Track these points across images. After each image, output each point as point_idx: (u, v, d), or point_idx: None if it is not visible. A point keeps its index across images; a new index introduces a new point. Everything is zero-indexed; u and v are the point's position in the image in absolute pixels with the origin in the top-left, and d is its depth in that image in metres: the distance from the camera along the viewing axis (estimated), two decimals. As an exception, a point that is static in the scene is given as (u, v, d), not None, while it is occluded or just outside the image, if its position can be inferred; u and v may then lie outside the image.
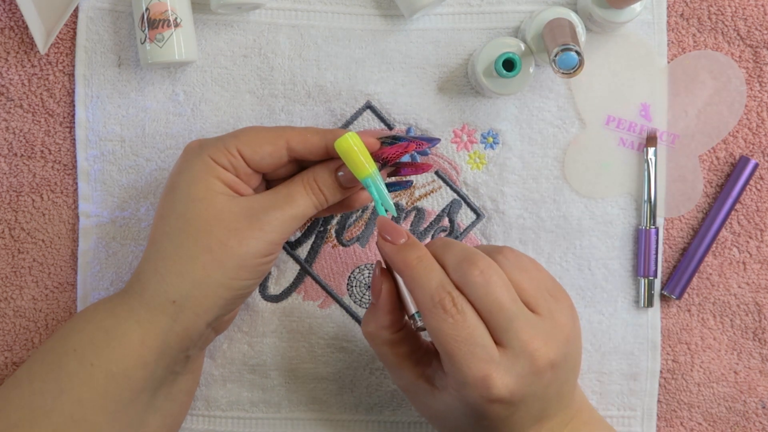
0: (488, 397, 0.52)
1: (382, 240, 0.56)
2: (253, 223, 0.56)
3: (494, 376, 0.51)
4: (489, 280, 0.52)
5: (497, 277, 0.53)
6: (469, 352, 0.51)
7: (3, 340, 0.67)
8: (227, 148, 0.57)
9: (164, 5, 0.63)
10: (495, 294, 0.52)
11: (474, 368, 0.51)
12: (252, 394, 0.68)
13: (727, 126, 0.68)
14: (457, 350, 0.51)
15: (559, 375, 0.54)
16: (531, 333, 0.52)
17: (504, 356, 0.52)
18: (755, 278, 0.68)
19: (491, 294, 0.52)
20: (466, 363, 0.51)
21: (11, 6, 0.66)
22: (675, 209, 0.68)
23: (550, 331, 0.53)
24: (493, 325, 0.52)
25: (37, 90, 0.67)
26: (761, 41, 0.68)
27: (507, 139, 0.67)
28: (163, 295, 0.56)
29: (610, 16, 0.64)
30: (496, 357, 0.52)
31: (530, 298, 0.54)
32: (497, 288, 0.52)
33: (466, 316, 0.52)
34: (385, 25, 0.67)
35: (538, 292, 0.55)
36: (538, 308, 0.54)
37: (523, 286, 0.54)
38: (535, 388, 0.53)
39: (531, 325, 0.53)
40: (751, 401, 0.68)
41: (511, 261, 0.55)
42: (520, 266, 0.55)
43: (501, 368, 0.52)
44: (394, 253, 0.55)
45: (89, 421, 0.55)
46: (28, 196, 0.67)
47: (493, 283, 0.52)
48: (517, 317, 0.52)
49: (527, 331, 0.52)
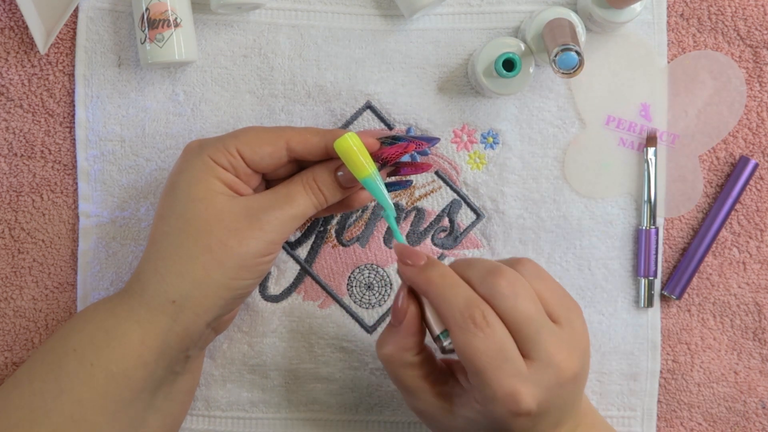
0: (516, 411, 0.51)
1: (402, 265, 0.55)
2: (253, 222, 0.56)
3: (523, 391, 0.51)
4: (517, 291, 0.52)
5: (524, 289, 0.53)
6: (499, 367, 0.51)
7: (3, 340, 0.67)
8: (227, 148, 0.57)
9: (164, 5, 0.63)
10: (523, 305, 0.52)
11: (504, 384, 0.51)
12: (252, 394, 0.68)
13: (727, 126, 0.68)
14: (487, 365, 0.51)
15: (578, 385, 0.54)
16: (556, 344, 0.52)
17: (531, 369, 0.52)
18: (755, 278, 0.68)
19: (519, 305, 0.52)
20: (495, 378, 0.51)
21: (11, 6, 0.66)
22: (675, 209, 0.68)
23: (572, 341, 0.54)
24: (521, 337, 0.52)
25: (37, 90, 0.67)
26: (761, 41, 0.68)
27: (507, 139, 0.67)
28: (163, 295, 0.56)
29: (610, 16, 0.64)
30: (524, 371, 0.52)
31: (551, 308, 0.54)
32: (525, 299, 0.52)
33: (496, 329, 0.52)
34: (385, 25, 0.67)
35: (558, 301, 0.55)
36: (559, 318, 0.54)
37: (545, 296, 0.54)
38: (559, 399, 0.53)
39: (555, 336, 0.53)
40: (751, 401, 0.68)
41: (532, 272, 0.55)
42: (540, 276, 0.55)
43: (529, 382, 0.52)
44: (416, 274, 0.54)
45: (89, 421, 0.55)
46: (28, 196, 0.67)
47: (521, 294, 0.52)
48: (543, 328, 0.52)
49: (553, 343, 0.52)
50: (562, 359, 0.52)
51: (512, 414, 0.52)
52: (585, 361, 0.55)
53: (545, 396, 0.52)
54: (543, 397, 0.52)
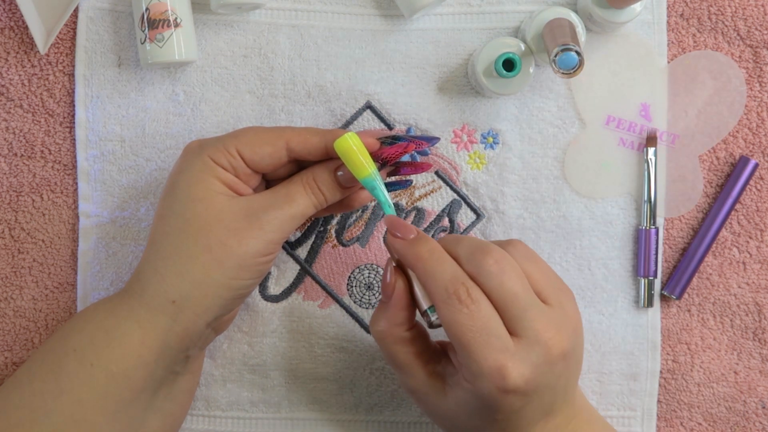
0: (504, 387, 0.51)
1: (392, 237, 0.56)
2: (253, 222, 0.56)
3: (509, 365, 0.51)
4: (503, 269, 0.53)
5: (511, 267, 0.53)
6: (485, 343, 0.51)
7: (3, 340, 0.67)
8: (227, 148, 0.57)
9: (164, 5, 0.63)
10: (509, 283, 0.53)
11: (489, 358, 0.51)
12: (252, 394, 0.68)
13: (727, 126, 0.68)
14: (472, 341, 0.51)
15: (569, 366, 0.54)
16: (544, 322, 0.53)
17: (518, 346, 0.52)
18: (755, 278, 0.68)
19: (505, 283, 0.52)
20: (481, 353, 0.51)
21: (11, 6, 0.66)
22: (675, 209, 0.68)
23: (562, 320, 0.54)
24: (508, 315, 0.52)
25: (37, 90, 0.67)
26: (761, 41, 0.68)
27: (507, 139, 0.67)
28: (163, 295, 0.56)
29: (610, 16, 0.64)
30: (511, 347, 0.52)
31: (541, 289, 0.54)
32: (511, 277, 0.53)
33: (481, 305, 0.52)
34: (385, 25, 0.67)
35: (548, 282, 0.55)
36: (549, 299, 0.54)
37: (535, 277, 0.54)
38: (548, 378, 0.53)
39: (544, 315, 0.53)
40: (751, 401, 0.68)
41: (522, 252, 0.55)
42: (531, 258, 0.55)
43: (516, 358, 0.52)
44: (405, 247, 0.55)
45: (89, 422, 0.55)
46: (28, 196, 0.67)
47: (507, 272, 0.53)
48: (531, 307, 0.53)
49: (541, 321, 0.53)
50: (550, 337, 0.52)
51: (500, 390, 0.52)
52: (576, 342, 0.55)
53: (533, 373, 0.52)
54: (531, 374, 0.52)
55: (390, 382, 0.68)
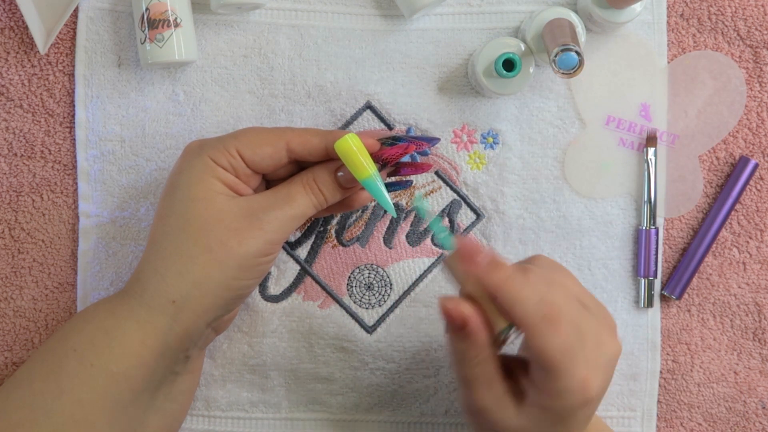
0: (587, 398, 0.52)
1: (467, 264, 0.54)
2: (253, 222, 0.56)
3: (592, 376, 0.52)
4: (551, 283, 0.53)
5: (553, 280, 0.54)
6: (573, 359, 0.52)
7: (3, 340, 0.67)
8: (227, 148, 0.57)
9: (164, 5, 0.63)
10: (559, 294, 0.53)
11: (577, 374, 0.52)
12: (252, 394, 0.68)
13: (727, 126, 0.68)
14: (565, 360, 0.51)
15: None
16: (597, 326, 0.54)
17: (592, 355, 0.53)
18: (755, 278, 0.68)
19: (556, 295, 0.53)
20: (571, 370, 0.52)
21: (11, 6, 0.66)
22: (675, 209, 0.68)
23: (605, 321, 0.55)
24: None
25: (37, 90, 0.67)
26: (761, 41, 0.68)
27: (507, 139, 0.67)
28: (163, 295, 0.56)
29: (610, 16, 0.64)
30: (591, 358, 0.53)
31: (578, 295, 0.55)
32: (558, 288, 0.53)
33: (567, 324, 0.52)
34: (385, 25, 0.67)
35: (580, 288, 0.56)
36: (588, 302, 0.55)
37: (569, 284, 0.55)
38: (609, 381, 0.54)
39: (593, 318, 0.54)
40: (751, 401, 0.68)
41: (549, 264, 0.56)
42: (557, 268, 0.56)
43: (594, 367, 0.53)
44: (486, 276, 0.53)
45: (89, 422, 0.55)
46: (28, 196, 0.67)
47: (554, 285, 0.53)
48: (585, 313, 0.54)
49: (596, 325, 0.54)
50: (605, 340, 0.54)
51: (582, 402, 0.52)
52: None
53: (603, 377, 0.53)
54: (602, 378, 0.53)
55: (390, 382, 0.68)
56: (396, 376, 0.67)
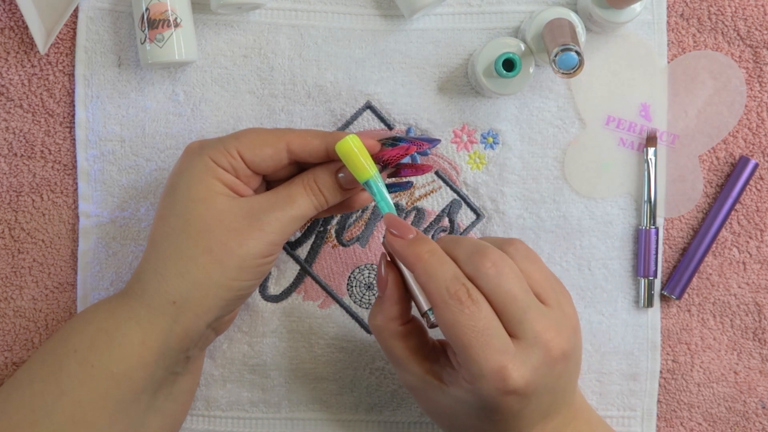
0: (504, 389, 0.51)
1: (390, 235, 0.56)
2: (253, 223, 0.56)
3: (510, 367, 0.51)
4: (501, 271, 0.53)
5: (509, 269, 0.53)
6: (485, 344, 0.51)
7: (3, 340, 0.67)
8: (227, 149, 0.57)
9: (164, 5, 0.63)
10: (508, 285, 0.52)
11: (490, 360, 0.51)
12: (252, 394, 0.68)
13: (727, 126, 0.68)
14: (473, 342, 0.51)
15: (568, 367, 0.54)
16: (544, 323, 0.53)
17: (518, 347, 0.52)
18: (755, 278, 0.68)
19: (504, 285, 0.52)
20: (482, 355, 0.51)
21: (11, 6, 0.66)
22: (675, 209, 0.68)
23: (561, 321, 0.54)
24: (507, 317, 0.52)
25: (37, 90, 0.67)
26: (761, 41, 0.68)
27: (507, 139, 0.67)
28: (163, 296, 0.56)
29: (610, 16, 0.64)
30: (511, 348, 0.52)
31: (540, 289, 0.54)
32: (510, 279, 0.53)
33: (482, 306, 0.52)
34: (385, 25, 0.67)
35: (547, 283, 0.55)
36: (548, 299, 0.54)
37: (534, 277, 0.54)
38: (548, 380, 0.53)
39: (544, 316, 0.53)
40: (751, 401, 0.68)
41: (521, 252, 0.55)
42: (530, 258, 0.55)
43: (516, 359, 0.51)
44: (404, 247, 0.55)
45: (90, 422, 0.55)
46: (28, 196, 0.67)
47: (506, 274, 0.53)
48: (530, 308, 0.53)
49: (541, 322, 0.52)
50: (550, 338, 0.52)
51: (500, 391, 0.51)
52: (575, 343, 0.55)
53: (533, 375, 0.52)
54: (531, 376, 0.52)
55: (390, 382, 0.68)
56: (396, 376, 0.67)
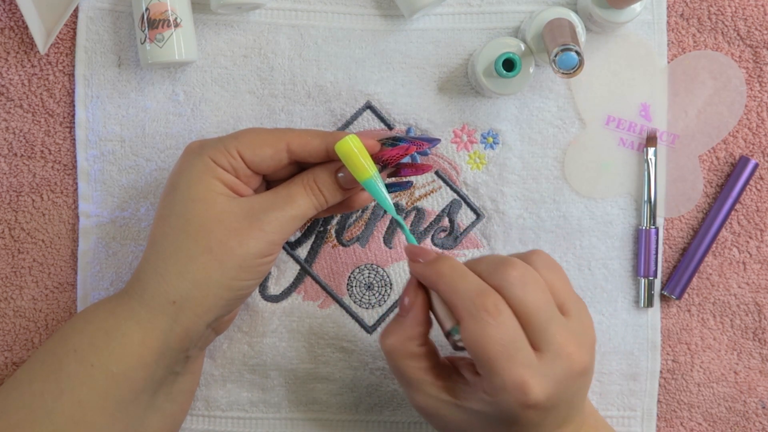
0: (525, 402, 0.51)
1: (413, 263, 0.55)
2: (253, 223, 0.56)
3: (532, 382, 0.51)
4: (526, 281, 0.52)
5: (534, 279, 0.52)
6: (510, 357, 0.51)
7: (3, 340, 0.67)
8: (227, 149, 0.57)
9: (164, 5, 0.63)
10: (532, 295, 0.52)
11: (513, 373, 0.51)
12: (252, 394, 0.68)
13: (727, 126, 0.68)
14: (498, 354, 0.51)
15: (586, 380, 0.54)
16: (566, 336, 0.52)
17: (541, 361, 0.51)
18: (755, 278, 0.68)
19: (529, 295, 0.52)
20: (506, 367, 0.51)
21: (11, 6, 0.66)
22: (675, 209, 0.68)
23: (581, 333, 0.54)
24: (530, 328, 0.52)
25: (37, 90, 0.67)
26: (761, 41, 0.68)
27: (507, 139, 0.67)
28: (163, 296, 0.56)
29: (610, 16, 0.64)
30: (534, 362, 0.51)
31: (563, 300, 0.54)
32: (535, 290, 0.52)
33: (507, 318, 0.51)
34: (385, 25, 0.67)
35: (568, 292, 0.55)
36: (569, 310, 0.54)
37: (556, 287, 0.54)
38: (568, 394, 0.53)
39: (566, 328, 0.52)
40: (751, 401, 0.68)
41: (545, 262, 0.55)
42: (552, 268, 0.55)
43: (539, 373, 0.51)
44: (425, 267, 0.54)
45: (89, 422, 0.55)
46: (28, 196, 0.67)
47: (531, 284, 0.52)
48: (553, 320, 0.52)
49: (563, 335, 0.52)
50: (572, 351, 0.52)
51: (521, 405, 0.51)
52: (593, 356, 0.55)
53: (555, 389, 0.51)
54: (552, 389, 0.51)
55: (390, 382, 0.68)
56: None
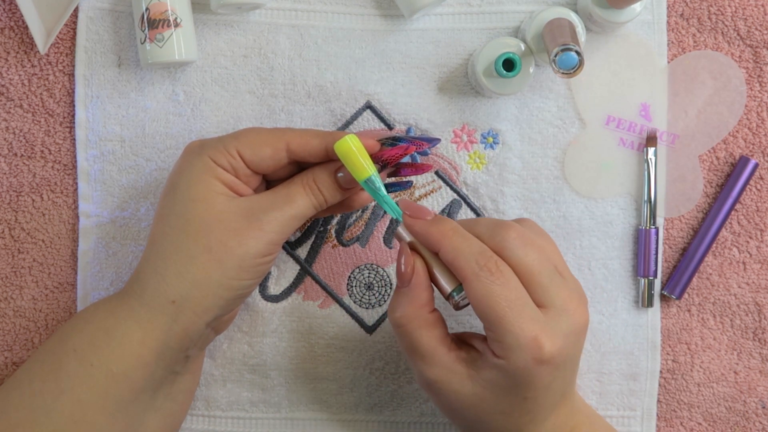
0: (540, 357, 0.52)
1: (410, 219, 0.56)
2: (253, 223, 0.56)
3: (543, 336, 0.52)
4: (525, 242, 0.54)
5: (531, 241, 0.54)
6: (519, 313, 0.52)
7: (3, 340, 0.67)
8: (227, 149, 0.57)
9: (164, 5, 0.63)
10: (532, 255, 0.53)
11: (526, 329, 0.52)
12: (252, 394, 0.68)
13: (727, 126, 0.68)
14: (507, 312, 0.52)
15: (583, 339, 0.56)
16: (567, 293, 0.54)
17: (548, 316, 0.53)
18: (755, 278, 0.68)
19: (529, 255, 0.53)
20: (517, 324, 0.52)
21: (11, 6, 0.66)
22: (675, 209, 0.68)
23: (578, 291, 0.56)
24: (533, 287, 0.53)
25: (37, 90, 0.67)
26: (761, 41, 0.68)
27: (507, 139, 0.67)
28: (163, 295, 0.56)
29: (610, 16, 0.64)
30: (542, 317, 0.53)
31: (556, 262, 0.56)
32: (533, 250, 0.54)
33: (511, 277, 0.53)
34: (385, 25, 0.67)
35: (559, 256, 0.57)
36: (563, 271, 0.56)
37: (548, 250, 0.56)
38: (575, 350, 0.54)
39: (565, 286, 0.54)
40: (751, 401, 0.68)
41: (535, 229, 0.57)
42: (542, 234, 0.57)
43: (548, 328, 0.52)
44: (427, 226, 0.55)
45: (89, 422, 0.55)
46: (28, 196, 0.67)
47: (529, 245, 0.54)
48: (553, 278, 0.54)
49: (564, 292, 0.54)
50: (574, 307, 0.54)
51: (536, 361, 0.52)
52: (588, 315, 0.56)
53: (564, 342, 0.53)
54: (563, 343, 0.53)
55: (390, 382, 0.68)
56: (396, 376, 0.67)
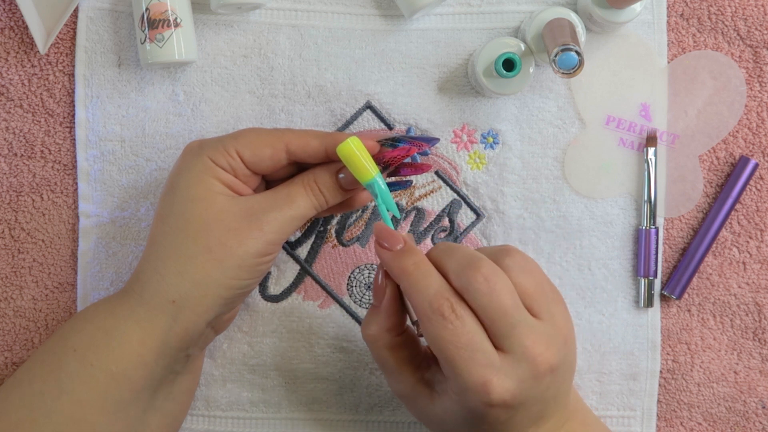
0: (488, 402, 0.51)
1: (379, 247, 0.55)
2: (252, 223, 0.56)
3: (494, 381, 0.51)
4: (493, 287, 0.52)
5: (501, 284, 0.52)
6: (469, 358, 0.51)
7: (3, 340, 0.67)
8: (226, 149, 0.57)
9: (164, 5, 0.63)
10: (499, 301, 0.52)
11: (474, 374, 0.51)
12: (252, 394, 0.68)
13: (727, 126, 0.68)
14: (456, 356, 0.51)
15: (557, 378, 0.54)
16: (533, 338, 0.52)
17: (505, 361, 0.52)
18: (755, 278, 0.68)
19: (494, 301, 0.52)
20: (466, 368, 0.51)
21: (11, 6, 0.66)
22: (675, 209, 0.68)
23: (551, 334, 0.53)
24: (495, 332, 0.52)
25: (37, 90, 0.67)
26: (761, 41, 0.68)
27: (507, 139, 0.67)
28: (163, 295, 0.56)
29: (610, 16, 0.64)
30: (496, 362, 0.52)
31: (533, 302, 0.54)
32: (501, 295, 0.52)
33: (465, 321, 0.52)
34: (385, 25, 0.67)
35: (541, 295, 0.54)
36: (540, 312, 0.54)
37: (528, 290, 0.54)
38: (535, 392, 0.53)
39: (533, 331, 0.52)
40: (751, 401, 0.68)
41: (517, 263, 0.54)
42: (525, 269, 0.54)
43: (501, 373, 0.51)
44: (390, 259, 0.55)
45: (89, 422, 0.55)
46: (28, 196, 0.67)
47: (498, 290, 0.52)
48: (520, 323, 0.52)
49: (529, 337, 0.52)
50: (538, 353, 0.52)
51: (485, 404, 0.52)
52: (566, 354, 0.55)
53: (518, 388, 0.52)
54: (516, 388, 0.52)
55: (390, 382, 0.68)
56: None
